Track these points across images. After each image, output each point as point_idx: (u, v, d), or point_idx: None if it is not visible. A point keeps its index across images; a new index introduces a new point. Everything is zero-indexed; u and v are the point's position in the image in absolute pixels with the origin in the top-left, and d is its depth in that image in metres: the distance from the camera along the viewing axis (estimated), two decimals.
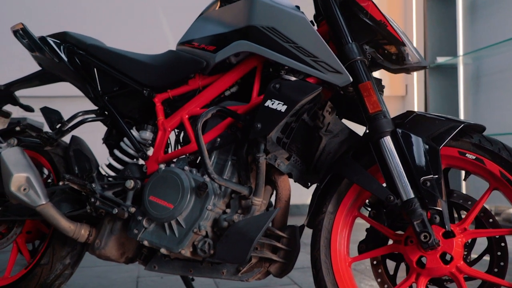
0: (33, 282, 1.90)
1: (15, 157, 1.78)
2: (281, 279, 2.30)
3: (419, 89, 4.84)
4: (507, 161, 1.39)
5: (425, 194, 1.37)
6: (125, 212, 1.69)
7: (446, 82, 4.75)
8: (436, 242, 1.35)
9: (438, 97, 4.73)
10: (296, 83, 1.55)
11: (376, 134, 1.45)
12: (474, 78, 4.62)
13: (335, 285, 1.48)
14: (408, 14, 5.00)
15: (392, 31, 1.55)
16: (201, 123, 1.53)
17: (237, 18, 1.65)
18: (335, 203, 1.54)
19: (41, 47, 1.97)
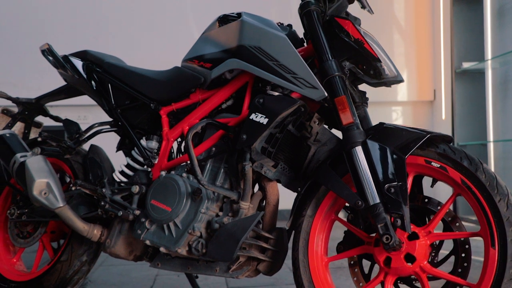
0: (54, 276, 2.12)
1: (38, 164, 1.99)
2: (287, 278, 2.46)
3: (447, 94, 4.86)
4: (467, 169, 1.49)
5: (388, 199, 1.49)
6: (130, 214, 1.88)
7: (472, 87, 4.75)
8: (397, 244, 1.46)
9: (464, 102, 4.74)
10: (277, 98, 1.70)
11: (348, 144, 1.58)
12: (502, 82, 4.62)
13: (311, 282, 1.62)
14: (436, 20, 5.03)
15: (368, 49, 1.68)
16: (191, 135, 1.70)
17: (230, 38, 1.82)
18: (313, 207, 1.68)
19: (64, 65, 2.19)
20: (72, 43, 4.62)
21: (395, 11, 5.10)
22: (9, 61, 4.61)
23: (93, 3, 4.75)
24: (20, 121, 2.42)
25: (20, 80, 4.52)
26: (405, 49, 5.11)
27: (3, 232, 2.36)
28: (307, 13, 1.74)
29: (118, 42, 4.68)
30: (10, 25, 4.67)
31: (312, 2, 1.75)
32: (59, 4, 4.72)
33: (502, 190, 1.45)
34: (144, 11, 4.80)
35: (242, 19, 1.79)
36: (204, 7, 4.72)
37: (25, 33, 4.64)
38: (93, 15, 4.74)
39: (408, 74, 5.10)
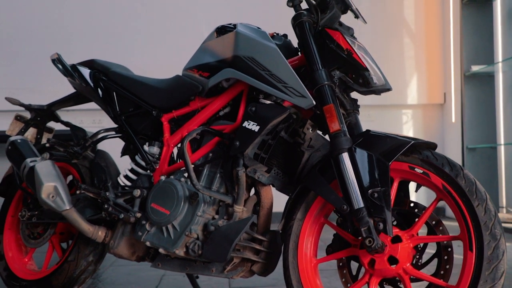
0: (62, 276, 2.22)
1: (46, 169, 2.09)
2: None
3: (457, 97, 4.88)
4: (448, 175, 1.55)
5: (371, 204, 1.55)
6: (132, 217, 1.97)
7: (482, 90, 4.77)
8: (379, 246, 1.53)
9: (474, 105, 4.76)
10: (268, 106, 1.78)
11: (335, 151, 1.65)
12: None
13: (299, 282, 1.70)
14: (446, 23, 5.06)
15: (357, 58, 1.75)
16: (186, 142, 1.79)
17: (226, 48, 1.90)
18: (303, 211, 1.75)
19: (72, 74, 2.29)
20: (86, 50, 4.77)
21: (405, 15, 5.14)
22: (26, 68, 4.75)
23: (105, 13, 4.88)
24: (32, 126, 2.52)
25: (37, 86, 4.66)
26: (415, 53, 5.14)
27: (16, 233, 2.47)
28: (299, 24, 1.82)
29: (129, 50, 4.81)
30: (28, 33, 4.82)
31: (305, 14, 1.83)
32: (73, 13, 4.86)
33: (481, 195, 1.51)
34: (155, 20, 4.91)
35: (236, 30, 1.87)
36: (215, 16, 4.82)
37: (41, 41, 4.79)
38: (105, 23, 4.87)
39: (418, 77, 5.13)
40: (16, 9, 4.82)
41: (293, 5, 1.86)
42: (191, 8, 4.92)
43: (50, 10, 4.84)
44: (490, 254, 1.45)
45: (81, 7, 4.87)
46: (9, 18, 4.82)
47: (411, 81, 5.13)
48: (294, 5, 1.85)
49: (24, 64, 4.76)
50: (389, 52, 5.13)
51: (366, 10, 5.13)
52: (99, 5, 4.88)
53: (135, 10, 4.90)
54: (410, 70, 5.15)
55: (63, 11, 4.85)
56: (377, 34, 5.12)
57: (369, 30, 5.09)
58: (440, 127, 5.18)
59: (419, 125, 5.19)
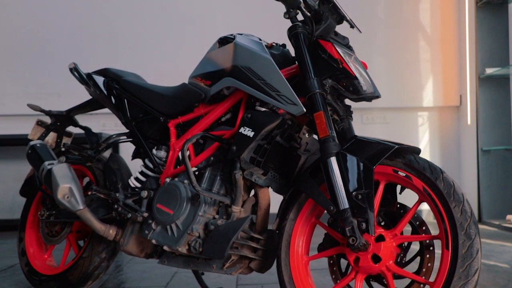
0: (77, 271, 2.38)
1: (62, 171, 2.25)
2: None
3: (472, 99, 4.90)
4: (428, 179, 1.64)
5: (355, 205, 1.66)
6: (139, 216, 2.11)
7: (497, 92, 4.79)
8: (362, 245, 1.63)
9: (489, 107, 4.78)
10: (263, 113, 1.90)
11: (324, 155, 1.75)
12: None
13: (290, 278, 1.81)
14: (461, 26, 5.08)
15: (346, 67, 1.85)
16: (186, 147, 1.92)
17: (225, 58, 2.02)
18: (295, 212, 1.87)
19: (87, 82, 2.45)
20: (110, 55, 4.96)
21: (421, 18, 5.18)
22: (54, 74, 4.96)
23: (128, 21, 5.06)
24: (53, 131, 2.69)
25: (63, 91, 4.87)
26: (431, 56, 5.18)
27: (37, 231, 2.65)
28: (294, 35, 1.93)
29: (151, 56, 4.98)
30: (56, 42, 5.03)
31: (300, 25, 1.93)
32: (98, 22, 5.05)
33: (458, 197, 1.59)
34: (174, 27, 5.06)
35: (235, 41, 1.99)
36: (233, 22, 4.95)
37: (68, 48, 5.00)
38: (128, 31, 5.05)
39: (434, 80, 5.17)
40: (46, 18, 5.05)
41: (290, 16, 1.96)
42: (210, 14, 5.06)
43: (77, 19, 5.04)
44: (464, 253, 1.53)
45: (106, 16, 5.07)
46: (39, 27, 5.05)
47: (427, 84, 5.17)
48: (291, 17, 1.96)
49: (52, 70, 4.97)
50: (406, 56, 5.18)
51: (382, 14, 5.20)
52: (123, 14, 5.07)
53: (157, 18, 5.06)
54: (426, 73, 5.19)
55: (89, 19, 5.05)
56: (394, 38, 5.18)
57: (386, 34, 5.17)
58: (457, 129, 5.21)
59: (435, 127, 5.22)
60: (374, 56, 5.18)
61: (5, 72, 5.06)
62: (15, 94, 5.01)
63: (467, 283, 1.52)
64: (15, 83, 5.04)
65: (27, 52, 5.05)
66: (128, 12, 5.08)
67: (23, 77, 5.04)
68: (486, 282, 2.56)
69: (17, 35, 5.06)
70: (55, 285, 2.44)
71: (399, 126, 5.22)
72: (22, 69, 5.06)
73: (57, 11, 5.06)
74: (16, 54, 5.07)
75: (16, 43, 5.06)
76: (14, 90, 5.02)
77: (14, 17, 5.07)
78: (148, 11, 5.09)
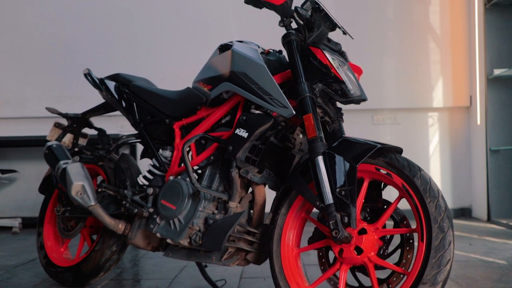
0: (90, 263, 2.55)
1: (76, 170, 2.42)
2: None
3: (482, 100, 4.96)
4: (407, 176, 1.76)
5: (339, 201, 1.79)
6: (145, 212, 2.27)
7: (506, 93, 4.84)
8: (344, 237, 1.76)
9: (497, 108, 4.84)
10: (256, 115, 2.04)
11: (312, 154, 1.88)
12: None
13: (281, 268, 1.95)
14: (471, 28, 5.15)
15: (334, 72, 1.98)
16: (186, 148, 2.07)
17: (224, 65, 2.17)
18: (287, 207, 2.00)
19: (99, 87, 2.63)
20: (128, 60, 5.15)
21: (431, 20, 5.26)
22: (74, 77, 5.16)
23: (145, 26, 5.25)
24: (69, 132, 2.87)
25: (83, 94, 5.06)
26: (441, 57, 5.25)
27: (54, 226, 2.83)
28: (287, 43, 2.06)
29: (168, 61, 5.17)
30: (76, 47, 5.25)
31: (293, 33, 2.07)
32: (116, 27, 5.26)
33: (433, 193, 1.71)
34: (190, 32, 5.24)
35: (232, 49, 2.14)
36: (246, 26, 5.09)
37: (88, 52, 5.21)
38: (145, 35, 5.25)
39: (443, 81, 5.24)
40: (66, 24, 5.27)
41: (284, 25, 2.10)
42: (224, 19, 5.21)
43: (96, 25, 5.25)
44: (437, 244, 1.65)
45: (124, 21, 5.26)
46: (60, 33, 5.27)
47: (436, 85, 5.25)
48: (285, 25, 2.10)
49: (71, 74, 5.17)
50: (416, 57, 5.26)
51: (392, 17, 5.30)
52: (140, 19, 5.26)
53: (172, 24, 5.24)
54: (435, 74, 5.26)
55: (108, 25, 5.25)
56: (404, 39, 5.27)
57: (396, 36, 5.27)
58: (467, 130, 5.27)
59: (445, 128, 5.29)
60: (385, 58, 5.28)
61: (27, 76, 5.29)
62: (37, 97, 5.24)
63: (439, 273, 1.63)
64: (37, 86, 5.28)
65: (48, 57, 5.28)
66: (145, 18, 5.27)
67: (44, 80, 5.27)
68: (479, 277, 2.66)
69: (38, 40, 5.29)
70: (70, 276, 2.62)
71: (410, 127, 5.31)
72: (44, 73, 5.29)
73: (77, 17, 5.27)
74: (37, 58, 5.30)
75: (37, 48, 5.29)
76: (36, 93, 5.26)
77: (36, 23, 5.30)
78: (165, 16, 5.27)
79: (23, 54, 5.32)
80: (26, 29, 5.31)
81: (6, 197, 5.36)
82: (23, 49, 5.32)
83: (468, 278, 2.65)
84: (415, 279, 1.67)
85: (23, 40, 5.32)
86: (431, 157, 5.31)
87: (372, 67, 5.22)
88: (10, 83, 5.32)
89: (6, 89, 5.31)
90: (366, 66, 5.04)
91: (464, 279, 2.62)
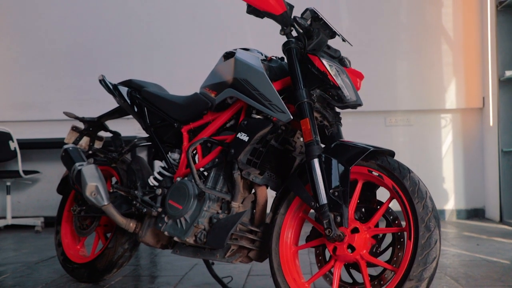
0: (104, 260, 2.69)
1: (90, 171, 2.56)
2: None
3: (494, 101, 4.99)
4: (397, 178, 1.85)
5: (332, 201, 1.88)
6: (154, 211, 2.39)
7: None
8: (336, 236, 1.85)
9: (509, 109, 4.86)
10: (256, 120, 2.15)
11: (308, 157, 1.98)
12: None
13: (279, 265, 2.05)
14: (484, 29, 5.18)
15: (331, 79, 2.07)
16: (190, 151, 2.19)
17: (228, 71, 2.28)
18: (285, 207, 2.11)
19: (113, 92, 2.76)
20: (146, 64, 5.30)
21: (443, 22, 5.30)
22: (94, 81, 5.32)
23: (163, 32, 5.40)
24: (86, 135, 3.01)
25: (102, 97, 5.22)
26: (454, 59, 5.29)
27: (71, 225, 2.98)
28: (287, 50, 2.16)
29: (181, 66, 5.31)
30: (97, 51, 5.44)
31: (293, 41, 2.17)
32: (135, 32, 5.42)
33: (421, 194, 1.80)
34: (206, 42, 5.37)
35: (235, 57, 2.25)
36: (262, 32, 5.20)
37: (108, 57, 5.39)
38: (163, 41, 5.41)
39: (456, 82, 5.28)
40: (87, 32, 5.46)
41: (285, 33, 2.20)
42: (240, 24, 5.33)
43: (114, 30, 5.43)
44: (423, 243, 1.74)
45: (143, 27, 5.44)
46: (81, 40, 5.47)
47: (449, 86, 5.29)
48: (286, 33, 2.20)
49: (92, 78, 5.33)
50: (428, 59, 5.31)
51: (405, 19, 5.35)
52: (157, 25, 5.42)
53: (191, 29, 5.38)
54: (448, 76, 5.31)
55: (127, 31, 5.43)
56: (417, 42, 5.33)
57: (409, 38, 5.33)
58: (480, 131, 5.30)
59: (458, 129, 5.33)
60: (398, 60, 5.34)
61: (50, 80, 5.50)
62: (60, 100, 5.44)
63: (425, 270, 1.72)
64: (59, 90, 5.48)
65: (70, 62, 5.48)
66: (163, 23, 5.43)
67: (66, 84, 5.47)
68: (479, 276, 2.73)
69: (61, 46, 5.49)
70: (85, 272, 2.76)
71: (423, 128, 5.36)
72: (66, 77, 5.49)
73: (97, 24, 5.46)
74: (60, 64, 5.50)
75: (60, 54, 5.50)
76: (59, 97, 5.46)
77: (58, 30, 5.50)
78: (183, 22, 5.41)
79: (46, 59, 5.52)
80: (49, 36, 5.52)
81: (29, 197, 5.56)
82: (46, 55, 5.52)
83: (468, 277, 2.72)
84: (402, 275, 1.75)
85: (46, 46, 5.53)
86: (444, 158, 5.35)
87: (386, 69, 5.29)
88: (33, 87, 5.53)
89: (30, 93, 5.53)
90: (379, 68, 5.19)
91: (464, 278, 2.69)
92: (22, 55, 5.58)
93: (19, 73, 5.59)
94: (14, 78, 5.60)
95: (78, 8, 5.51)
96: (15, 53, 5.60)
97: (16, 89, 5.57)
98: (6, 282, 2.87)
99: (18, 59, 5.59)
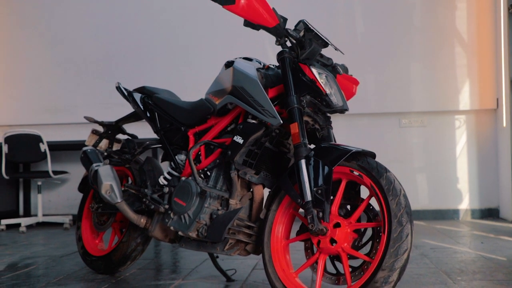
0: (118, 253, 2.92)
1: (106, 171, 2.79)
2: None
3: (507, 102, 5.06)
4: (375, 177, 2.02)
5: (316, 198, 2.06)
6: (161, 208, 2.61)
7: None
8: (319, 230, 2.03)
9: None
10: (251, 124, 2.34)
11: (296, 158, 2.16)
12: None
13: (270, 257, 2.23)
14: (497, 31, 5.25)
15: (319, 86, 2.24)
16: (191, 153, 2.40)
17: (227, 79, 2.48)
18: (277, 203, 2.29)
19: (128, 98, 2.99)
20: (167, 70, 5.54)
21: (457, 25, 5.39)
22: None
23: (184, 38, 5.64)
24: (105, 138, 3.25)
25: (125, 101, 5.50)
26: (467, 61, 5.38)
27: (90, 221, 3.22)
28: (281, 60, 2.34)
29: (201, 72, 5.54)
30: (121, 57, 5.71)
31: (286, 51, 2.35)
32: (157, 39, 5.68)
33: (396, 192, 1.96)
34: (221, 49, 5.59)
35: (233, 66, 2.45)
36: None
37: (130, 63, 5.66)
38: (183, 47, 5.64)
39: (470, 84, 5.36)
40: (111, 38, 5.75)
41: (280, 43, 2.38)
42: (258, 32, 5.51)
43: (137, 38, 5.71)
44: (395, 236, 1.90)
45: (163, 34, 5.70)
46: (106, 46, 5.76)
47: (463, 88, 5.38)
48: (281, 44, 2.38)
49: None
50: (442, 61, 5.41)
51: (419, 22, 5.46)
52: (178, 31, 5.67)
53: (210, 35, 5.61)
54: (462, 77, 5.39)
55: (149, 38, 5.70)
56: (431, 44, 5.43)
57: (423, 41, 5.43)
58: (494, 132, 5.37)
59: (472, 130, 5.41)
60: (412, 62, 5.46)
61: (77, 85, 5.82)
62: (87, 104, 5.74)
63: (397, 261, 1.88)
64: (86, 95, 5.79)
65: (96, 68, 5.79)
66: (184, 30, 5.68)
67: (92, 89, 5.77)
68: (471, 271, 2.85)
69: (87, 53, 5.81)
70: (102, 264, 2.99)
71: (437, 129, 5.46)
72: (91, 82, 5.80)
73: (121, 31, 5.75)
74: (86, 69, 5.82)
75: (86, 60, 5.81)
76: (84, 100, 5.77)
77: (84, 37, 5.82)
78: (202, 28, 5.64)
79: (74, 65, 5.84)
80: (76, 42, 5.83)
81: (59, 196, 5.88)
82: (73, 61, 5.84)
83: (461, 272, 2.85)
84: (376, 266, 1.92)
85: (73, 52, 5.85)
86: (458, 159, 5.44)
87: (400, 71, 5.41)
88: (62, 92, 5.86)
89: (58, 97, 5.85)
90: (394, 70, 5.33)
91: (456, 273, 2.82)
92: (51, 63, 5.92)
93: (49, 79, 5.93)
94: (44, 84, 5.93)
95: (104, 18, 5.81)
96: (45, 61, 5.93)
97: (46, 94, 5.91)
98: (34, 273, 3.13)
99: (48, 66, 5.93)
